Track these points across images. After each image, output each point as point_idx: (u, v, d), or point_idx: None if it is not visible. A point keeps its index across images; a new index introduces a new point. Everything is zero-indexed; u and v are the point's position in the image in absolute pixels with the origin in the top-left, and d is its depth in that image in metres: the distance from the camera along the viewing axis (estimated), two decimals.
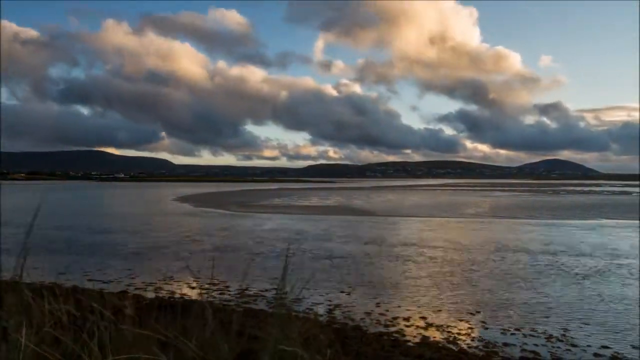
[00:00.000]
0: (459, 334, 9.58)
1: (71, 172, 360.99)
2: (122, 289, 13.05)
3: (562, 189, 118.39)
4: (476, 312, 11.15)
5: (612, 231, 27.75)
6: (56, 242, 22.32)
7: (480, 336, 9.46)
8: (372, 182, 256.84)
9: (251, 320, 8.27)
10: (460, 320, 10.56)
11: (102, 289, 12.44)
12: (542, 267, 16.69)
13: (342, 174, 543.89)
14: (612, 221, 34.10)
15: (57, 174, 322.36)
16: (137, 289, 13.03)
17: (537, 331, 9.79)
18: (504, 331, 9.79)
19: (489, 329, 9.92)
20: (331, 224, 31.94)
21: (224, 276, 14.61)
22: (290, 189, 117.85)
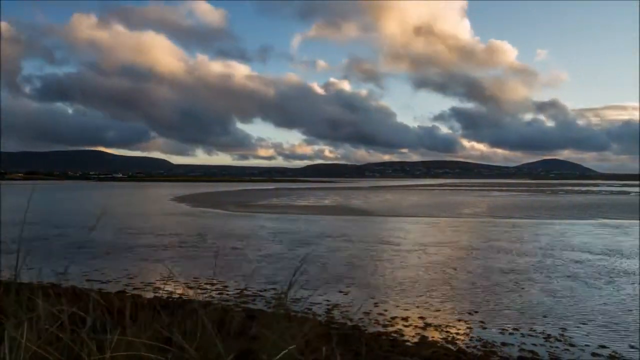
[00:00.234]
0: (458, 334, 9.59)
1: (69, 172, 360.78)
2: (120, 289, 13.03)
3: (560, 189, 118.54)
4: (474, 312, 11.17)
5: (610, 231, 27.79)
6: (54, 242, 22.30)
7: (478, 336, 9.47)
8: (371, 182, 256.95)
9: (250, 320, 8.28)
10: (458, 320, 10.57)
11: (100, 289, 12.45)
12: (540, 266, 16.71)
13: (340, 174, 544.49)
14: (610, 221, 34.15)
15: (55, 173, 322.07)
16: (135, 289, 13.03)
17: (535, 331, 9.81)
18: (502, 331, 9.80)
19: (487, 329, 9.93)
20: (330, 223, 31.95)
21: (223, 276, 14.63)
22: (289, 188, 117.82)
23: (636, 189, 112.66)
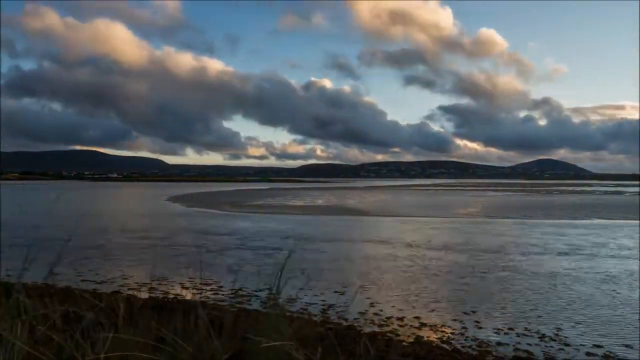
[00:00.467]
0: (453, 334, 9.60)
1: (64, 172, 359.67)
2: (115, 289, 12.98)
3: (555, 189, 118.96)
4: (470, 311, 11.18)
5: (605, 231, 27.89)
6: (48, 242, 22.18)
7: (473, 336, 9.49)
8: (366, 182, 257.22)
9: (245, 320, 8.26)
10: (453, 320, 10.58)
11: (95, 290, 12.41)
12: (536, 266, 16.75)
13: (336, 174, 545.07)
14: (605, 221, 34.29)
15: (49, 173, 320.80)
16: (130, 289, 12.97)
17: (530, 331, 9.83)
18: (497, 331, 9.82)
19: (483, 329, 9.95)
20: (327, 223, 31.95)
21: (218, 276, 14.60)
22: (285, 189, 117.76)
23: (630, 189, 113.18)
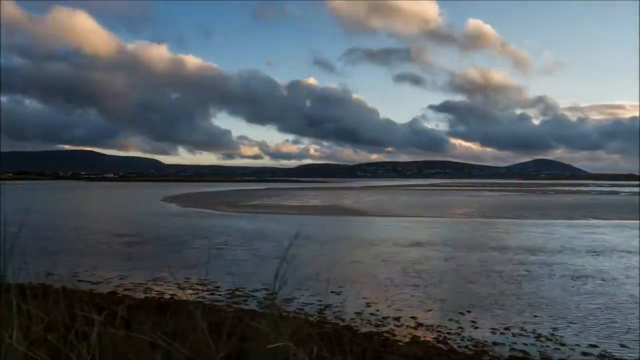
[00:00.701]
0: (449, 334, 9.62)
1: (60, 172, 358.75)
2: (111, 289, 12.96)
3: (551, 189, 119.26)
4: (466, 311, 11.20)
5: (600, 231, 27.98)
6: (44, 242, 22.11)
7: (470, 335, 9.51)
8: (363, 182, 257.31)
9: (241, 320, 8.26)
10: (450, 319, 10.60)
11: (91, 290, 12.38)
12: (531, 266, 16.80)
13: (332, 174, 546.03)
14: (599, 221, 34.40)
15: (46, 174, 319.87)
16: (126, 290, 12.95)
17: (526, 330, 9.86)
18: (493, 330, 9.84)
19: (479, 329, 9.97)
20: (323, 223, 31.95)
21: (214, 276, 14.58)
22: (281, 189, 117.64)
23: (625, 189, 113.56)
